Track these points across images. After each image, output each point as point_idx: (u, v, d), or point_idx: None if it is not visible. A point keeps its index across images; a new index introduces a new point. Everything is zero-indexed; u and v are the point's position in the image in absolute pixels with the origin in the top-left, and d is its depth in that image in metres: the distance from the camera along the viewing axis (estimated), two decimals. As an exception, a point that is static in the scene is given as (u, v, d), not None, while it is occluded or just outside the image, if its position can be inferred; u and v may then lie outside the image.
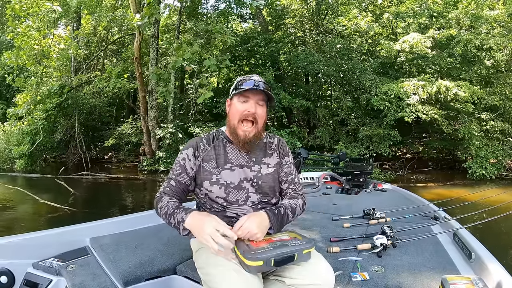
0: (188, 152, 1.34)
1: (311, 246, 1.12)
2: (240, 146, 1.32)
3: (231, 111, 1.34)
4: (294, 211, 1.31)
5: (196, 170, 1.32)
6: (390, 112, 8.57)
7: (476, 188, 7.65)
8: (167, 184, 1.33)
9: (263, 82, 1.31)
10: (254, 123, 1.29)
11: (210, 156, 1.33)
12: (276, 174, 1.38)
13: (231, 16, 13.26)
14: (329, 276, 1.12)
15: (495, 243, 3.95)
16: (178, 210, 1.19)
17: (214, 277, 1.11)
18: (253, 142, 1.32)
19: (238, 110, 1.29)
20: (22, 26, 8.07)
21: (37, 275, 1.50)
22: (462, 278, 1.19)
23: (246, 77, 1.34)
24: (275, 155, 1.40)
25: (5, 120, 11.35)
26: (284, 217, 1.26)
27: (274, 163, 1.38)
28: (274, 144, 1.42)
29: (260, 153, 1.37)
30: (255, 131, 1.30)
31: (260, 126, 1.31)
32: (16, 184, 7.87)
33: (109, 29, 12.85)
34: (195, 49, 6.66)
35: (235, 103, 1.31)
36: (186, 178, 1.32)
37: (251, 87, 1.26)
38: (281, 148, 1.43)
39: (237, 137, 1.30)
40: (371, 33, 10.80)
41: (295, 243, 1.11)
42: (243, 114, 1.28)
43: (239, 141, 1.30)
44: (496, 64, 9.18)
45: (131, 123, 11.58)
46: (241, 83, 1.31)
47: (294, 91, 11.80)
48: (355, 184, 3.36)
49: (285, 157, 1.43)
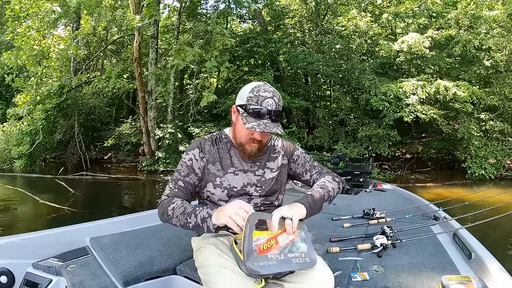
0: (195, 152, 1.30)
1: (312, 265, 1.09)
2: (246, 158, 1.31)
3: (237, 125, 1.26)
4: (324, 187, 1.29)
5: (202, 171, 1.30)
6: (390, 112, 8.57)
7: (476, 188, 7.67)
8: (174, 186, 1.26)
9: (276, 110, 1.20)
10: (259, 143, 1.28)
11: (215, 158, 1.31)
12: (280, 177, 1.37)
13: (230, 16, 13.26)
14: (329, 281, 1.11)
15: (495, 243, 3.96)
16: (200, 207, 1.14)
17: (213, 277, 1.10)
18: (257, 154, 1.32)
19: (246, 133, 1.24)
20: (22, 27, 8.06)
21: (37, 275, 1.50)
22: (462, 278, 1.19)
23: (261, 98, 1.20)
24: (279, 157, 1.39)
25: (5, 121, 11.34)
26: (315, 196, 1.24)
27: (278, 166, 1.37)
28: (278, 146, 1.41)
29: (264, 157, 1.36)
30: (261, 146, 1.29)
31: (264, 142, 1.30)
32: (16, 184, 7.86)
33: (109, 30, 12.85)
34: (196, 51, 6.66)
35: (242, 123, 1.22)
36: (195, 179, 1.29)
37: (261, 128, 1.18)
38: (287, 148, 1.42)
39: (243, 150, 1.29)
40: (370, 33, 10.81)
41: (299, 261, 1.07)
42: (249, 138, 1.25)
43: (245, 155, 1.29)
44: (495, 64, 9.19)
45: (131, 123, 11.58)
46: (255, 105, 1.19)
47: (293, 91, 11.80)
48: (355, 184, 3.36)
49: (294, 152, 1.42)
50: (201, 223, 1.10)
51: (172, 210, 1.17)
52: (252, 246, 1.02)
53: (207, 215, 1.10)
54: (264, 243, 1.05)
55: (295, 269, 1.07)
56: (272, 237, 1.08)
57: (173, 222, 1.18)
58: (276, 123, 1.21)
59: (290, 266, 1.05)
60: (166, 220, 1.21)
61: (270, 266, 1.02)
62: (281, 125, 1.24)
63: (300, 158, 1.42)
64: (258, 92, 1.21)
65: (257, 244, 1.04)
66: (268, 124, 1.18)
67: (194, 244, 1.36)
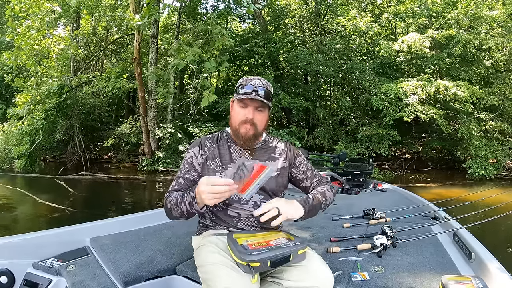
0: (195, 150, 1.37)
1: (304, 247, 1.13)
2: (243, 144, 1.34)
3: (232, 114, 1.36)
4: (324, 194, 1.34)
5: (201, 167, 1.35)
6: (390, 112, 8.58)
7: (476, 188, 7.67)
8: (175, 183, 1.35)
9: (263, 87, 1.30)
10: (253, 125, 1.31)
11: (214, 154, 1.35)
12: (281, 178, 1.38)
13: (230, 16, 13.26)
14: (328, 279, 1.12)
15: (495, 243, 3.96)
16: (185, 193, 1.20)
17: (211, 275, 1.10)
18: (254, 140, 1.34)
19: (238, 115, 1.32)
20: (21, 27, 8.05)
21: (37, 275, 1.50)
22: (462, 278, 1.19)
23: (246, 80, 1.32)
24: (281, 159, 1.40)
25: (5, 120, 11.34)
26: (314, 201, 1.28)
27: (278, 168, 1.38)
28: (281, 149, 1.43)
29: (265, 155, 1.39)
30: (256, 132, 1.32)
31: (260, 129, 1.33)
32: (16, 184, 7.86)
33: (109, 29, 12.86)
34: (195, 51, 6.65)
35: (235, 108, 1.33)
36: (195, 175, 1.34)
37: (249, 96, 1.26)
38: (290, 152, 1.44)
39: (239, 135, 1.32)
40: (371, 33, 10.80)
41: (290, 244, 1.13)
42: (242, 120, 1.30)
43: (241, 139, 1.32)
44: (496, 64, 9.20)
45: (131, 123, 11.58)
46: (241, 86, 1.31)
47: (293, 91, 11.80)
48: (355, 184, 3.37)
49: (297, 158, 1.44)
50: (190, 209, 1.16)
51: (170, 203, 1.24)
52: (242, 248, 1.09)
53: (191, 199, 1.15)
54: (255, 243, 1.13)
55: (289, 253, 1.10)
56: (264, 241, 1.15)
57: (174, 214, 1.24)
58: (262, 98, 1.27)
59: (283, 249, 1.10)
60: (170, 215, 1.27)
61: (264, 253, 1.07)
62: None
63: (302, 165, 1.44)
64: (247, 77, 1.34)
65: (248, 243, 1.12)
66: (253, 95, 1.26)
67: (194, 243, 1.37)
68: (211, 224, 1.37)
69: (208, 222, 1.38)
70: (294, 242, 1.15)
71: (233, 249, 1.10)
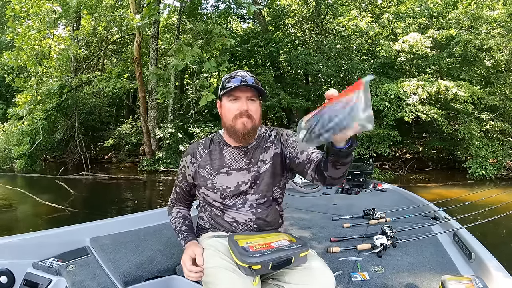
0: (187, 159, 1.36)
1: (306, 249, 1.12)
2: (241, 140, 1.26)
3: (223, 113, 1.27)
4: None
5: (193, 176, 1.34)
6: (390, 112, 8.57)
7: (476, 188, 7.66)
8: (174, 192, 1.44)
9: (251, 77, 1.23)
10: (249, 117, 1.24)
11: (205, 161, 1.32)
12: (274, 168, 1.30)
13: (230, 16, 13.27)
14: (330, 282, 1.09)
15: (495, 243, 3.96)
16: (181, 234, 1.32)
17: (213, 279, 1.10)
18: (254, 134, 1.28)
19: (230, 111, 1.23)
20: (22, 27, 8.05)
21: (37, 275, 1.50)
22: (462, 278, 1.19)
23: (232, 74, 1.26)
24: (272, 147, 1.32)
25: (5, 120, 11.35)
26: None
27: (270, 157, 1.31)
28: (272, 136, 1.34)
29: (258, 150, 1.31)
30: (252, 124, 1.24)
31: (256, 121, 1.25)
32: (16, 184, 7.86)
33: (109, 29, 12.86)
34: (195, 51, 6.65)
35: (225, 104, 1.24)
36: (186, 184, 1.39)
37: (239, 84, 1.19)
38: (281, 137, 1.34)
39: (235, 132, 1.23)
40: (371, 33, 10.79)
41: (291, 246, 1.12)
42: (236, 114, 1.22)
43: (240, 135, 1.23)
44: (496, 64, 9.18)
45: (131, 123, 11.58)
46: (228, 80, 1.23)
47: (294, 91, 11.80)
48: (355, 184, 3.36)
49: (288, 138, 1.31)
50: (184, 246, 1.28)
51: (171, 221, 1.40)
52: (243, 250, 1.08)
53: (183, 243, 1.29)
54: (256, 244, 1.12)
55: (291, 256, 1.08)
56: (265, 243, 1.14)
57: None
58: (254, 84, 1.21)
59: (285, 252, 1.08)
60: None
61: (265, 255, 1.06)
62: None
63: (293, 142, 1.30)
64: (229, 74, 1.29)
65: (250, 245, 1.11)
66: (244, 83, 1.20)
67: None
68: (209, 227, 1.35)
69: (206, 225, 1.36)
70: (296, 244, 1.13)
71: (234, 250, 1.09)
